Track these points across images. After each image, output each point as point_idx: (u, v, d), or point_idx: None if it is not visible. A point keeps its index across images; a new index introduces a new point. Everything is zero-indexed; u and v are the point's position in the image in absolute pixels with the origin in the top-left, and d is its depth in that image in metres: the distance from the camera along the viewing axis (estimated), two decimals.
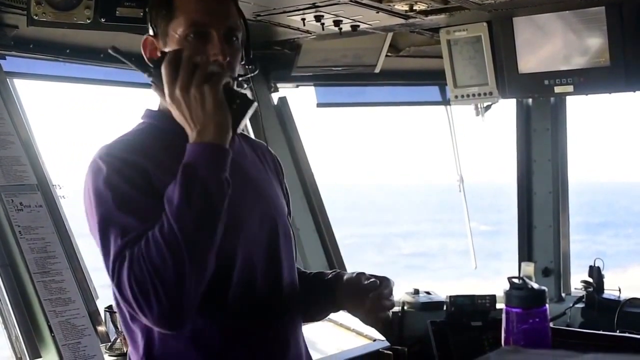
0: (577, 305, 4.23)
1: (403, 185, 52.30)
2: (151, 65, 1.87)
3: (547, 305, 1.64)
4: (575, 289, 4.51)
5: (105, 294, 3.15)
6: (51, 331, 2.82)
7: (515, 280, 1.63)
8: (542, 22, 3.61)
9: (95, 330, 2.95)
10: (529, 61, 3.74)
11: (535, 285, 1.62)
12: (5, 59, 3.19)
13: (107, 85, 3.88)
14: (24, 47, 3.28)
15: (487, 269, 5.52)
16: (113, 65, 3.65)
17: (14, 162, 2.99)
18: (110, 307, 3.14)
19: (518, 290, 1.62)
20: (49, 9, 2.81)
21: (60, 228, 3.03)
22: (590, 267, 4.23)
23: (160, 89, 1.82)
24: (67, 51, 3.44)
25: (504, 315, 1.65)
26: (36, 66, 3.44)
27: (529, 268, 4.28)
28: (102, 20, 2.90)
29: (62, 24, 2.89)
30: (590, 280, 4.22)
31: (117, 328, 3.11)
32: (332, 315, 3.88)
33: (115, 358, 3.12)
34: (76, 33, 3.17)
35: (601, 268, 4.21)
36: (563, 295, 4.54)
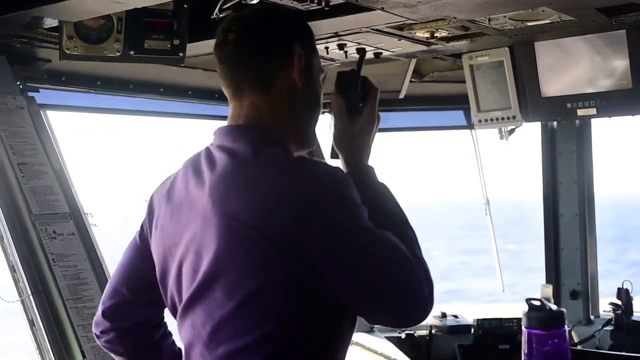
0: (606, 328, 4.20)
1: (428, 202, 52.08)
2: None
3: (566, 327, 1.67)
4: (604, 311, 4.48)
5: None
6: (84, 356, 2.89)
7: (534, 302, 1.66)
8: (563, 45, 3.64)
9: None
10: (551, 85, 3.76)
11: (554, 307, 1.65)
12: (39, 91, 3.30)
13: (136, 115, 3.97)
14: (57, 80, 3.39)
15: (513, 288, 5.49)
16: (142, 95, 3.75)
17: (48, 191, 3.08)
18: None
19: (537, 312, 1.65)
20: (80, 43, 2.91)
21: (92, 255, 3.11)
22: (619, 289, 4.20)
23: (344, 107, 1.98)
24: (98, 83, 3.53)
25: (523, 337, 1.68)
26: (68, 98, 3.54)
27: (547, 290, 4.25)
28: (131, 52, 2.99)
29: (93, 57, 2.97)
30: (619, 302, 4.19)
31: None
32: (360, 339, 3.92)
33: None
34: (106, 65, 3.27)
35: (630, 290, 4.19)
36: (592, 317, 4.50)
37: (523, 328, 1.65)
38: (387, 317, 1.73)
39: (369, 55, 3.58)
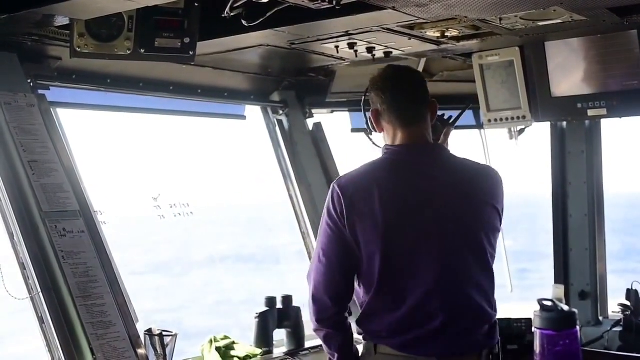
0: (614, 329, 4.18)
1: None
2: None
3: (577, 328, 1.66)
4: (613, 312, 4.46)
5: (143, 316, 3.23)
6: (93, 353, 2.89)
7: (546, 303, 1.66)
8: (574, 45, 3.63)
9: (135, 352, 3.01)
10: (562, 85, 3.75)
11: (566, 307, 1.65)
12: (49, 89, 3.30)
13: (146, 113, 3.98)
14: (67, 78, 3.39)
15: (519, 288, 5.46)
16: (151, 93, 3.75)
17: (58, 189, 3.08)
18: (149, 330, 3.19)
19: (548, 313, 1.64)
20: (91, 41, 2.91)
21: (102, 253, 3.11)
22: (628, 290, 4.19)
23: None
24: (108, 81, 3.54)
25: (535, 338, 1.67)
26: (78, 96, 3.55)
27: (559, 290, 4.24)
28: (142, 51, 2.99)
29: (104, 55, 2.98)
30: (628, 303, 4.17)
31: (156, 351, 3.17)
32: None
33: None
34: (116, 63, 3.27)
35: (639, 291, 4.17)
36: (600, 318, 4.49)
37: (534, 328, 1.65)
38: None
39: (379, 54, 3.58)
